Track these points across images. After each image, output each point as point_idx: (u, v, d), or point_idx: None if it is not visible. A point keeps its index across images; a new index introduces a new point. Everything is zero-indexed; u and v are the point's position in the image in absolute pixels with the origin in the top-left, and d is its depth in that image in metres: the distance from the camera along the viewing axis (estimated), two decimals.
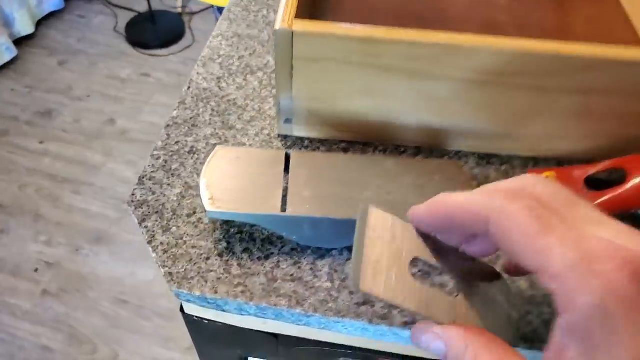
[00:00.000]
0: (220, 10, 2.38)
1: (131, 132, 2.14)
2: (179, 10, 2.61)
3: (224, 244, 0.43)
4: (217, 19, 2.52)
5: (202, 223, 0.44)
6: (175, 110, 0.53)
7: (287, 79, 0.45)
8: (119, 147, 2.07)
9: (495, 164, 0.50)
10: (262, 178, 0.42)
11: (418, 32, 0.41)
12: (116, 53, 2.45)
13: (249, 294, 0.40)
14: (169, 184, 0.47)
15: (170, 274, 0.41)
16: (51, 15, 2.56)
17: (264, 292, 0.40)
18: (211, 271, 0.41)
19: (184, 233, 0.44)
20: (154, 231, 0.43)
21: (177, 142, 0.50)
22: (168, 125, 0.52)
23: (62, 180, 1.93)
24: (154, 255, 0.42)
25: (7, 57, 2.28)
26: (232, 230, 0.44)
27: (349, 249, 0.43)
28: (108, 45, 2.48)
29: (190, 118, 0.52)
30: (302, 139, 0.51)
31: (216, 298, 0.40)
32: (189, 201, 0.46)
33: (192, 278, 0.41)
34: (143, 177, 0.47)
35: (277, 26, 0.42)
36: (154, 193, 0.46)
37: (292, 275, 0.42)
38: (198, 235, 0.43)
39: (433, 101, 0.46)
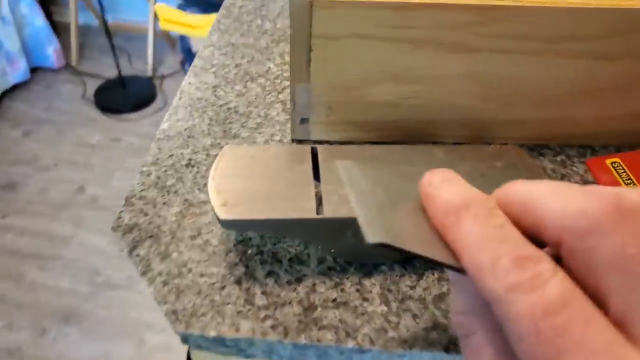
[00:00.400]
0: None
1: (102, 199, 2.02)
2: (150, 74, 2.57)
3: (242, 269, 0.33)
4: None
5: (210, 245, 0.35)
6: (165, 122, 0.44)
7: (304, 64, 0.38)
8: (89, 215, 1.95)
9: (548, 155, 0.42)
10: (285, 177, 0.33)
11: None
12: (85, 120, 2.36)
13: (282, 329, 0.30)
14: (164, 203, 0.37)
15: (174, 311, 0.31)
16: (16, 86, 2.49)
17: (301, 325, 0.31)
18: (228, 303, 0.31)
19: (189, 259, 0.34)
20: (149, 259, 0.34)
21: (170, 156, 0.41)
22: (158, 139, 0.43)
23: (26, 255, 1.77)
24: (151, 289, 0.32)
25: None
26: (250, 251, 0.34)
27: (402, 262, 0.34)
28: (76, 112, 2.40)
29: (185, 129, 0.44)
30: (321, 143, 0.43)
31: (238, 338, 0.30)
32: (191, 220, 0.36)
33: (205, 314, 0.31)
34: (131, 197, 0.38)
35: None
36: (146, 214, 0.36)
37: (334, 300, 0.32)
38: (206, 260, 0.34)
39: (479, 80, 0.39)
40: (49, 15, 2.54)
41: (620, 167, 0.41)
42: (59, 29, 2.66)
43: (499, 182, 0.33)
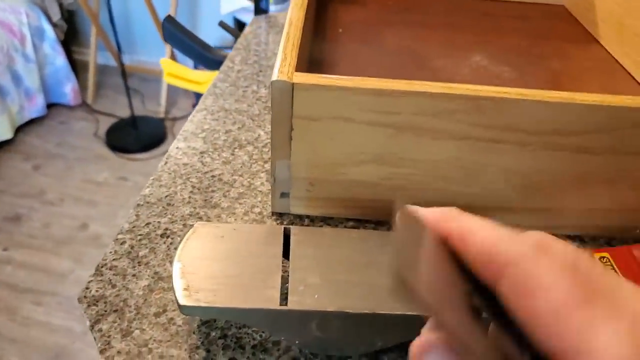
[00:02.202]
0: None
1: (105, 237, 2.02)
2: (162, 115, 2.61)
3: (203, 353, 0.32)
4: None
5: (174, 324, 0.34)
6: (147, 187, 0.44)
7: (285, 141, 0.38)
8: (90, 253, 1.94)
9: None
10: (254, 262, 0.32)
11: (444, 84, 0.35)
12: (94, 157, 2.39)
13: None
14: (134, 275, 0.37)
15: None
16: (32, 121, 2.54)
17: None
18: None
19: (150, 338, 0.33)
20: (109, 336, 0.33)
21: (147, 224, 0.41)
22: (138, 205, 0.42)
23: (22, 290, 1.76)
24: None
25: None
26: (214, 333, 0.33)
27: (369, 356, 0.33)
28: (86, 149, 2.44)
29: (166, 196, 0.43)
30: (300, 217, 0.42)
31: None
32: (158, 296, 0.35)
33: None
34: (102, 267, 0.37)
35: (275, 77, 0.35)
36: (113, 286, 0.36)
37: None
38: (168, 340, 0.33)
39: (462, 167, 0.38)
40: (69, 54, 2.61)
41: (608, 263, 0.39)
42: (77, 66, 2.74)
43: None
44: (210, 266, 0.31)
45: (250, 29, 0.74)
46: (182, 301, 0.29)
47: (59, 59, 2.46)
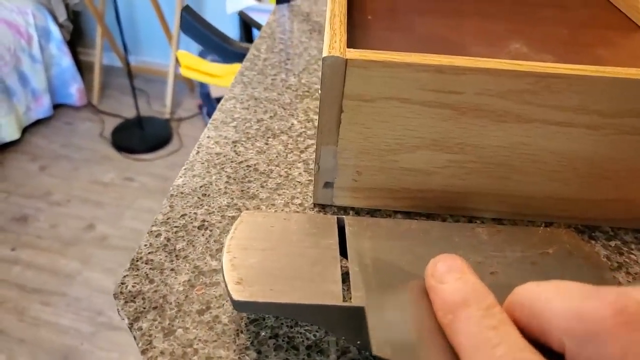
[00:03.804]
0: (210, 115, 2.36)
1: (111, 238, 1.99)
2: (167, 116, 2.59)
3: (254, 354, 0.29)
4: (206, 124, 2.49)
5: (219, 323, 0.31)
6: (180, 177, 0.41)
7: (333, 125, 0.35)
8: (97, 254, 1.91)
9: (600, 239, 0.38)
10: (308, 253, 0.29)
11: (512, 61, 0.32)
12: (100, 158, 2.37)
13: None
14: (172, 269, 0.34)
15: None
16: (38, 121, 2.52)
17: None
18: None
19: (195, 338, 0.30)
20: (150, 335, 0.30)
21: (183, 215, 0.38)
22: (171, 195, 0.40)
23: (31, 290, 1.74)
24: None
25: None
26: (264, 333, 0.30)
27: None
28: (92, 150, 2.41)
29: (201, 187, 0.41)
30: (345, 209, 0.39)
31: None
32: (200, 292, 0.32)
33: None
34: (137, 260, 0.34)
35: (326, 53, 0.32)
36: (151, 281, 0.33)
37: None
38: (215, 340, 0.30)
39: (526, 153, 0.35)
40: (75, 55, 2.59)
41: None
42: (83, 67, 2.72)
43: (552, 271, 0.30)
44: (263, 258, 0.29)
45: (273, 17, 0.71)
46: (236, 296, 0.26)
47: (65, 60, 2.44)
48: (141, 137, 2.43)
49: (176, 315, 0.31)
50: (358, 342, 0.28)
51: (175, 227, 0.37)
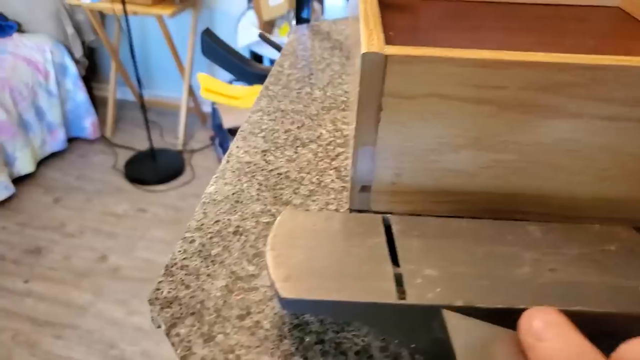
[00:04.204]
0: (222, 146, 2.38)
1: (124, 269, 1.98)
2: (180, 147, 2.60)
3: None
4: (218, 156, 2.50)
5: (261, 328, 0.29)
6: (211, 185, 0.40)
7: (372, 125, 0.34)
8: (109, 285, 1.89)
9: None
10: (354, 252, 0.28)
11: (558, 54, 0.31)
12: (113, 189, 2.38)
13: None
14: (208, 275, 0.32)
15: None
16: (53, 154, 2.54)
17: None
18: None
19: (236, 343, 0.28)
20: (190, 341, 0.28)
21: (216, 222, 0.37)
22: (204, 203, 0.39)
23: (43, 323, 1.71)
24: None
25: (3, 195, 2.19)
26: (308, 338, 0.29)
27: None
28: (105, 182, 2.42)
29: (233, 194, 0.39)
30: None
31: None
32: (239, 297, 0.31)
33: None
34: (172, 266, 0.33)
35: (364, 49, 0.31)
36: (187, 287, 0.31)
37: None
38: (258, 346, 0.28)
39: (573, 150, 0.34)
40: (90, 90, 2.64)
41: None
42: (97, 102, 2.76)
43: (616, 269, 0.28)
44: (309, 255, 0.27)
45: (294, 36, 0.71)
46: (284, 293, 0.25)
47: (80, 94, 2.48)
48: (154, 168, 2.43)
49: (215, 320, 0.29)
50: (412, 346, 0.26)
51: (210, 232, 0.36)
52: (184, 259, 0.33)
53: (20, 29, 2.33)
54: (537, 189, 0.36)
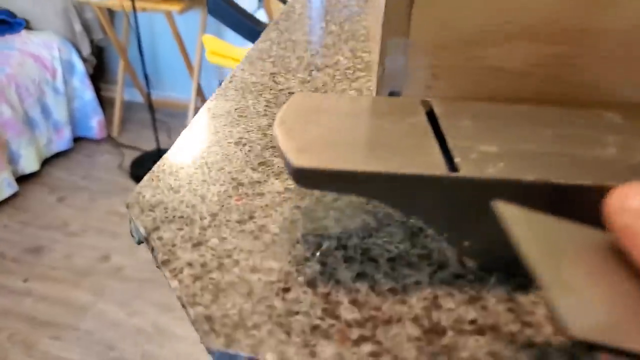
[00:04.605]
0: None
1: (126, 269, 1.91)
2: None
3: (316, 266, 0.21)
4: None
5: (267, 232, 0.23)
6: (210, 101, 0.34)
7: (404, 9, 0.28)
8: (111, 285, 1.83)
9: None
10: (391, 128, 0.22)
11: None
12: (119, 189, 2.33)
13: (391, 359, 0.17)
14: (204, 180, 0.26)
15: (209, 318, 0.19)
16: (58, 154, 2.50)
17: (423, 356, 0.18)
18: (297, 313, 0.19)
19: (235, 248, 0.22)
20: (173, 245, 0.22)
21: (215, 132, 0.30)
22: (200, 116, 0.32)
23: (41, 323, 1.65)
24: (174, 284, 0.20)
25: (6, 193, 2.15)
26: (328, 243, 0.22)
27: None
28: (111, 182, 2.38)
29: (235, 109, 0.33)
30: None
31: None
32: (240, 202, 0.25)
33: (258, 326, 0.18)
34: (158, 172, 0.27)
35: None
36: (176, 191, 0.25)
37: (474, 322, 0.19)
38: (262, 251, 0.22)
39: None
40: (97, 90, 2.61)
41: None
42: (105, 103, 2.73)
43: None
44: (331, 129, 0.21)
45: None
46: (297, 162, 0.18)
47: (87, 93, 2.45)
48: None
49: (209, 224, 0.23)
50: (465, 244, 0.20)
51: (208, 143, 0.29)
52: (173, 165, 0.27)
53: (28, 26, 2.31)
54: (606, 93, 0.30)
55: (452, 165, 0.19)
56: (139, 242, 0.24)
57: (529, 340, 0.18)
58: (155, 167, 0.27)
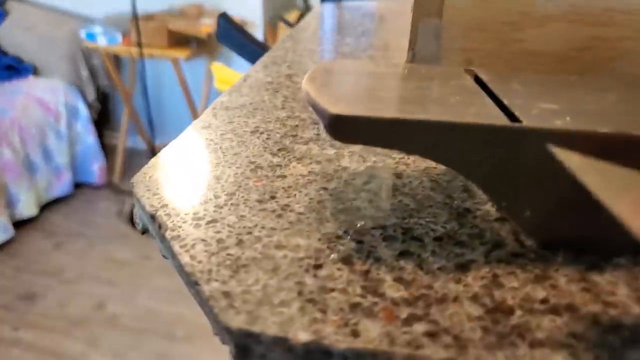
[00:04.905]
0: None
1: (122, 317, 1.84)
2: None
3: (351, 244, 0.18)
4: None
5: (291, 211, 0.20)
6: (224, 96, 0.32)
7: None
8: (105, 335, 1.75)
9: None
10: (437, 88, 0.19)
11: None
12: (117, 236, 2.28)
13: (452, 341, 0.14)
14: (217, 164, 0.23)
15: (227, 294, 0.15)
16: (58, 199, 2.47)
17: (491, 337, 0.14)
18: (332, 290, 0.16)
19: (255, 225, 0.19)
20: (184, 221, 0.19)
21: (230, 122, 0.28)
22: (214, 109, 0.30)
23: None
24: (184, 259, 0.17)
25: (1, 238, 2.11)
26: (362, 222, 0.19)
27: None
28: (110, 228, 2.33)
29: (250, 103, 0.31)
30: None
31: (363, 352, 0.14)
32: (260, 183, 0.22)
33: (286, 304, 0.15)
34: (163, 155, 0.24)
35: None
36: (185, 173, 0.22)
37: (545, 301, 0.16)
38: (286, 229, 0.19)
39: None
40: (100, 137, 2.61)
41: None
42: (107, 150, 2.73)
43: None
44: (370, 85, 0.18)
45: (314, 13, 0.65)
46: (335, 109, 0.16)
47: (90, 138, 2.45)
48: None
49: (225, 203, 0.20)
50: (527, 213, 0.17)
51: (221, 131, 0.27)
52: (184, 149, 0.25)
53: (36, 71, 2.34)
54: None
55: (513, 118, 0.17)
56: (143, 231, 0.21)
57: (615, 321, 0.15)
58: (162, 151, 0.24)
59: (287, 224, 0.19)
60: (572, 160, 0.14)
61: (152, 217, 0.19)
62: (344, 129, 0.16)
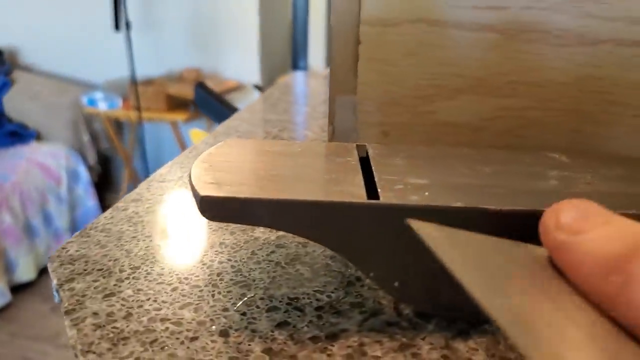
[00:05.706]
0: None
1: None
2: None
3: (235, 316, 0.19)
4: None
5: (187, 285, 0.21)
6: (165, 168, 0.34)
7: (350, 64, 0.28)
8: None
9: None
10: (318, 165, 0.21)
11: None
12: None
13: None
14: (134, 237, 0.25)
15: None
16: None
17: None
18: None
19: (149, 299, 0.20)
20: (83, 295, 0.20)
21: (161, 195, 0.29)
22: (149, 181, 0.32)
23: None
24: (70, 333, 0.18)
25: None
26: (252, 293, 0.20)
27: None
28: None
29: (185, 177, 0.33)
30: None
31: None
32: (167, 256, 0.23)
33: None
34: (90, 229, 0.25)
35: None
36: (103, 247, 0.24)
37: None
38: (176, 302, 0.20)
39: (603, 92, 0.27)
40: (101, 200, 2.64)
41: None
42: None
43: None
44: (255, 167, 0.20)
45: (284, 82, 0.68)
46: (206, 191, 0.17)
47: (90, 201, 2.48)
48: None
49: (127, 277, 0.21)
50: (395, 284, 0.18)
51: (148, 202, 0.28)
52: (109, 224, 0.26)
53: (39, 137, 2.41)
54: (559, 147, 0.29)
55: (374, 196, 0.18)
56: (60, 300, 0.23)
57: None
58: (89, 224, 0.26)
59: (180, 297, 0.20)
60: (427, 232, 0.16)
61: (57, 292, 0.20)
62: (210, 209, 0.17)
